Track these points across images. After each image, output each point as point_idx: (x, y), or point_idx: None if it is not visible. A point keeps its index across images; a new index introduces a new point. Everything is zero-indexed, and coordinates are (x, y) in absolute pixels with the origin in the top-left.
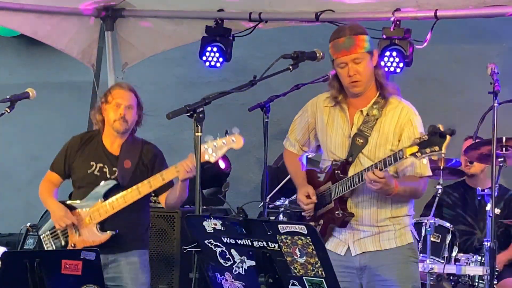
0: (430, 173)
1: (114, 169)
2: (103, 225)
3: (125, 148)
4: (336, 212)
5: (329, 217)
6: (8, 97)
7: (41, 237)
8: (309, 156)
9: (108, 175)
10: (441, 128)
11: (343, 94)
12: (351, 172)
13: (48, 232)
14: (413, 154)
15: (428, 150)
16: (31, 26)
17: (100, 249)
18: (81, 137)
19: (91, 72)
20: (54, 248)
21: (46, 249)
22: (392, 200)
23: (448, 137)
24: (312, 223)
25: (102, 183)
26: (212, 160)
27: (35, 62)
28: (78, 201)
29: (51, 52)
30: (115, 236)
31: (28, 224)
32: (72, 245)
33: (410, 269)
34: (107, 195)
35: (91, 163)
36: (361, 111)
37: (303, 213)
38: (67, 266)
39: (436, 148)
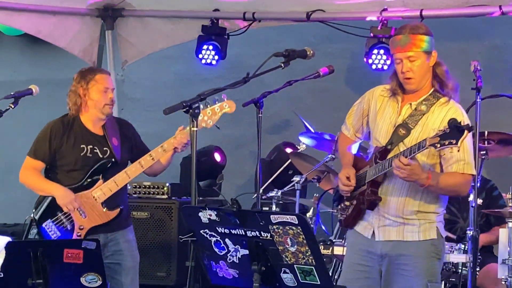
0: (474, 172)
1: (104, 149)
2: (107, 204)
3: (107, 127)
4: (367, 193)
5: (361, 198)
6: (12, 93)
7: (44, 226)
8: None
9: (100, 155)
10: (462, 123)
11: (401, 89)
12: None
13: (49, 220)
14: (433, 145)
15: (446, 142)
16: (34, 25)
17: (100, 230)
18: (62, 121)
19: None
20: (60, 234)
21: (52, 237)
22: (423, 194)
23: (466, 132)
24: (347, 202)
25: (99, 163)
26: (209, 126)
27: (38, 60)
28: (75, 184)
29: (54, 50)
30: (118, 213)
31: (32, 215)
32: (80, 227)
33: (429, 263)
34: (104, 175)
35: (81, 146)
36: (410, 104)
37: (340, 192)
38: (69, 255)
39: (454, 141)
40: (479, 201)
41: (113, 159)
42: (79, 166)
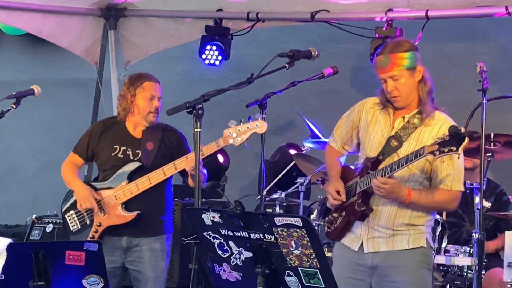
0: (462, 188)
1: (137, 151)
2: (127, 206)
3: (147, 131)
4: (358, 203)
5: (351, 209)
6: (14, 93)
7: (66, 216)
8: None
9: (131, 157)
10: (462, 130)
11: (390, 103)
12: None
13: (73, 212)
14: (432, 152)
15: (446, 149)
16: (36, 25)
17: (125, 232)
18: (104, 122)
19: (94, 69)
20: (79, 227)
21: (71, 228)
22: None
23: (467, 139)
24: (335, 214)
25: (127, 165)
26: (236, 144)
27: (40, 59)
28: (102, 182)
29: (56, 50)
30: (140, 218)
31: (34, 216)
32: (98, 223)
33: (420, 273)
34: (131, 177)
35: (115, 146)
36: (403, 117)
37: (328, 205)
38: (71, 257)
39: (454, 148)
40: (488, 204)
41: (141, 163)
42: (110, 166)
